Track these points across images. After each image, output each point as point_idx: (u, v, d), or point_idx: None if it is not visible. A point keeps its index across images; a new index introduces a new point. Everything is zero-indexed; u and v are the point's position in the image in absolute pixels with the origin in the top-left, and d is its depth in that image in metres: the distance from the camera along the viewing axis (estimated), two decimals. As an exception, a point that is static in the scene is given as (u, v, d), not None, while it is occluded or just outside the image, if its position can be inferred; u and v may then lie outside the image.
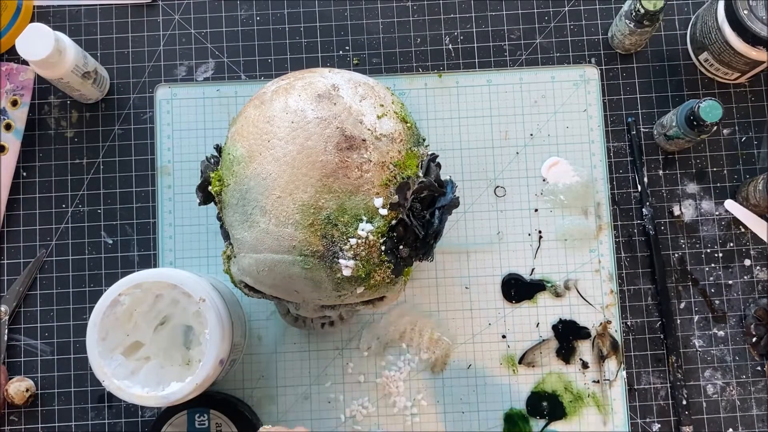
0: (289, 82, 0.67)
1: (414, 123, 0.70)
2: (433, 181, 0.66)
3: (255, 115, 0.66)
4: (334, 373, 0.83)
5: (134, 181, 0.87)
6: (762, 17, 0.78)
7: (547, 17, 0.90)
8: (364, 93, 0.67)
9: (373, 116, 0.66)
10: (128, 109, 0.88)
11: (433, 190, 0.66)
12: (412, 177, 0.66)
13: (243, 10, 0.90)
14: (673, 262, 0.85)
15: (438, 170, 0.68)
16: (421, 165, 0.67)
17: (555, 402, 0.83)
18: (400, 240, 0.66)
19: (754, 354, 0.84)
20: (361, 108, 0.65)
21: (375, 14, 0.90)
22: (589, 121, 0.87)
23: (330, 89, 0.66)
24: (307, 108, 0.64)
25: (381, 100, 0.68)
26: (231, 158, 0.67)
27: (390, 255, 0.65)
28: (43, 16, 0.89)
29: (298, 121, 0.64)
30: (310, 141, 0.63)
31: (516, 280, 0.85)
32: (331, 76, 0.68)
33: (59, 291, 0.85)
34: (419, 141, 0.70)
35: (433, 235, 0.67)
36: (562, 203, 0.86)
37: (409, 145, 0.67)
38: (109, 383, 0.70)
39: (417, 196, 0.66)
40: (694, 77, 0.88)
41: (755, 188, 0.82)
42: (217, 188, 0.69)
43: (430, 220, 0.67)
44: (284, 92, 0.66)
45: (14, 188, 0.86)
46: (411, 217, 0.65)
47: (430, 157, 0.68)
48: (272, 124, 0.65)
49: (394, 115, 0.67)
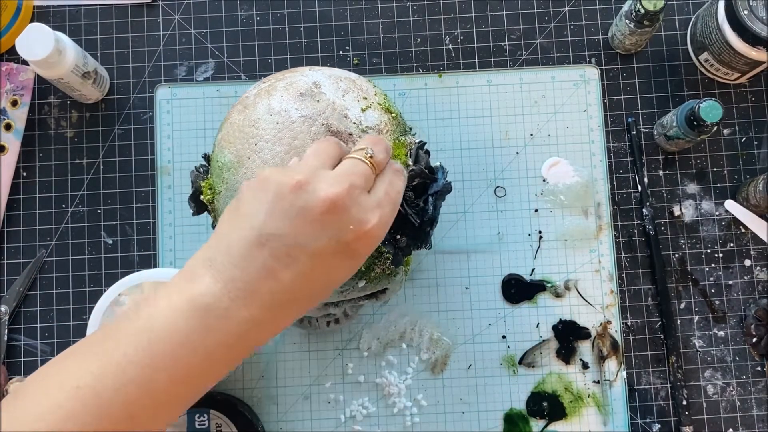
0: (271, 84, 0.67)
1: (399, 113, 0.70)
2: (424, 169, 0.66)
3: (239, 120, 0.66)
4: (334, 373, 0.83)
5: (134, 181, 0.87)
6: (762, 17, 0.78)
7: (547, 17, 0.90)
8: (347, 87, 0.67)
9: (357, 110, 0.65)
10: (128, 109, 0.88)
11: (425, 177, 0.66)
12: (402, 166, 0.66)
13: (243, 10, 0.90)
14: (673, 263, 0.85)
15: (427, 157, 0.68)
16: (410, 153, 0.67)
17: (555, 402, 0.83)
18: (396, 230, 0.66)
19: (754, 354, 0.84)
20: (344, 102, 0.65)
21: (375, 14, 0.90)
22: (589, 121, 0.87)
23: (312, 87, 0.65)
24: (290, 108, 0.64)
25: (364, 93, 0.67)
26: (220, 165, 0.67)
27: (388, 246, 0.65)
28: (43, 16, 0.89)
29: (283, 122, 0.64)
30: (297, 140, 0.63)
31: (516, 281, 0.85)
32: (312, 74, 0.67)
33: (59, 291, 0.85)
34: (406, 130, 0.70)
35: (428, 222, 0.66)
36: (562, 203, 0.86)
37: (396, 135, 0.67)
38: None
39: (409, 184, 0.66)
40: (694, 77, 0.88)
41: (755, 188, 0.82)
42: (208, 197, 0.68)
43: (424, 207, 0.66)
44: (266, 94, 0.66)
45: (14, 188, 0.86)
46: (405, 206, 0.65)
47: (418, 145, 0.68)
48: (257, 127, 0.64)
49: (378, 106, 0.67)
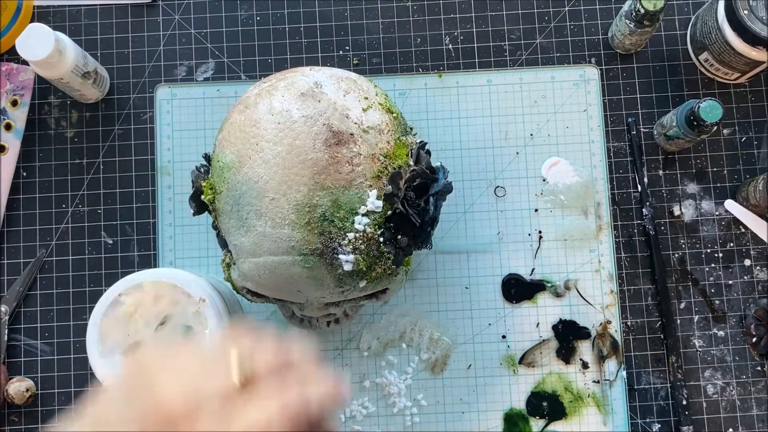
0: (272, 84, 0.67)
1: (399, 113, 0.70)
2: (425, 168, 0.66)
3: (241, 120, 0.66)
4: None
5: (134, 181, 0.87)
6: (762, 17, 0.78)
7: (547, 17, 0.90)
8: (348, 87, 0.67)
9: (358, 110, 0.65)
10: (128, 109, 0.88)
11: (426, 177, 0.66)
12: (403, 166, 0.66)
13: (243, 10, 0.90)
14: (673, 262, 0.85)
15: (428, 157, 0.68)
16: (411, 153, 0.67)
17: (555, 402, 0.83)
18: (397, 230, 0.66)
19: (754, 354, 0.84)
20: (345, 102, 0.65)
21: (375, 14, 0.90)
22: (589, 121, 0.87)
23: (313, 87, 0.65)
24: (292, 108, 0.64)
25: (365, 92, 0.67)
26: (221, 165, 0.67)
27: (389, 246, 0.65)
28: (43, 16, 0.89)
29: (285, 122, 0.64)
30: (298, 140, 0.63)
31: (516, 281, 0.85)
32: (313, 74, 0.67)
33: (59, 291, 0.85)
34: (407, 130, 0.70)
35: (429, 222, 0.67)
36: (562, 203, 0.86)
37: (397, 134, 0.67)
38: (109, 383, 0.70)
39: (410, 184, 0.66)
40: (694, 77, 0.88)
41: (755, 188, 0.82)
42: (209, 197, 0.68)
43: (425, 207, 0.66)
44: (268, 94, 0.66)
45: (14, 188, 0.86)
46: (406, 206, 0.65)
47: (419, 145, 0.68)
48: (259, 127, 0.64)
49: (379, 106, 0.67)
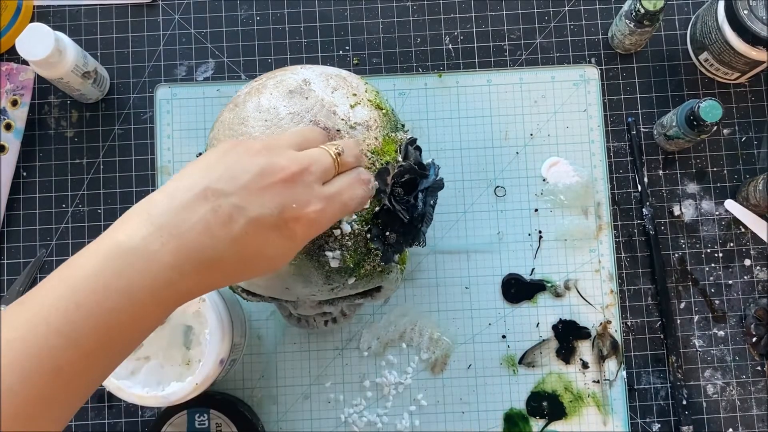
0: (262, 82, 0.67)
1: (390, 109, 0.70)
2: (413, 165, 0.66)
3: (230, 118, 0.66)
4: (334, 373, 0.83)
5: (134, 181, 0.87)
6: (762, 17, 0.78)
7: (547, 17, 0.90)
8: (336, 84, 0.67)
9: (346, 106, 0.65)
10: (128, 109, 0.88)
11: (414, 173, 0.66)
12: (391, 162, 0.65)
13: (243, 10, 0.90)
14: (673, 262, 0.85)
15: (417, 153, 0.68)
16: (399, 150, 0.67)
17: (555, 402, 0.83)
18: (386, 226, 0.66)
19: (754, 354, 0.84)
20: (333, 99, 0.65)
21: (375, 14, 0.90)
22: (589, 121, 0.87)
23: (301, 84, 0.65)
24: (279, 105, 0.64)
25: (354, 89, 0.67)
26: None
27: (377, 242, 0.65)
28: (43, 16, 0.89)
29: (272, 119, 0.64)
30: None
31: (516, 281, 0.85)
32: (303, 72, 0.67)
33: (59, 291, 0.85)
34: (397, 126, 0.69)
35: (419, 218, 0.66)
36: (562, 203, 0.86)
37: (386, 131, 0.67)
38: (108, 383, 0.70)
39: (398, 180, 0.65)
40: (694, 77, 0.88)
41: (755, 188, 0.82)
42: None
43: (414, 203, 0.66)
44: (257, 92, 0.66)
45: (14, 188, 0.86)
46: (393, 201, 0.65)
47: (408, 141, 0.68)
48: (246, 125, 0.64)
49: (368, 102, 0.67)
